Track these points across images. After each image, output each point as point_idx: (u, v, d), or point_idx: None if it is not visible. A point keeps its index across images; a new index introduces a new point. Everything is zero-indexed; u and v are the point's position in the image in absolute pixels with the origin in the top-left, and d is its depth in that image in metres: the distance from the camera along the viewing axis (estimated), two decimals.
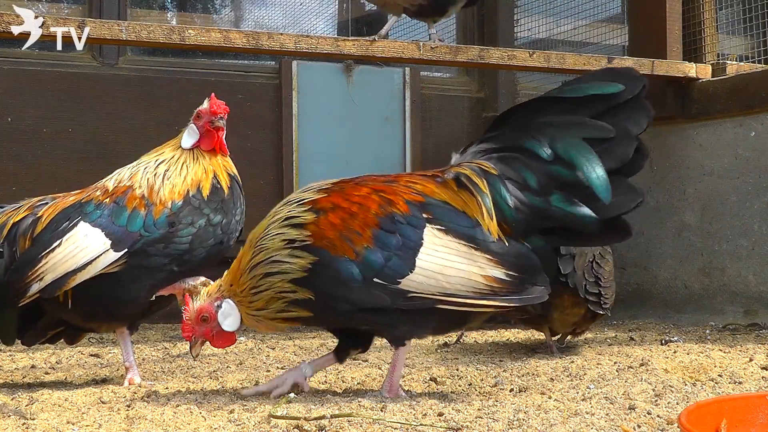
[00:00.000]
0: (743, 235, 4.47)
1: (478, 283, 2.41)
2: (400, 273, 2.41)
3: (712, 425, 1.96)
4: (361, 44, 3.98)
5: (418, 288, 2.41)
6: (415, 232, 2.43)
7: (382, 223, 2.44)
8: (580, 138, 2.43)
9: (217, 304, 2.58)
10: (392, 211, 2.46)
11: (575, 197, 2.44)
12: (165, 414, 2.36)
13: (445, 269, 2.41)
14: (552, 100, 2.54)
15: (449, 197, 2.51)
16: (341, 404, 2.44)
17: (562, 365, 3.13)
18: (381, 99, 5.94)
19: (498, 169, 2.50)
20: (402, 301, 2.42)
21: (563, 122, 2.47)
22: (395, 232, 2.43)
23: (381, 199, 2.49)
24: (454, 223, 2.46)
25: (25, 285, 2.83)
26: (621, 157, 2.44)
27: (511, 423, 2.22)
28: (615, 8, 6.04)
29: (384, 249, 2.42)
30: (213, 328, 2.60)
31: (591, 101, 2.47)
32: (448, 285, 2.41)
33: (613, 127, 2.43)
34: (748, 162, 4.45)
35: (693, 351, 3.40)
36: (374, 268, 2.41)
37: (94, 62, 5.37)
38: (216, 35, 3.75)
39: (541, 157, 2.45)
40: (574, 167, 2.43)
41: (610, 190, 2.41)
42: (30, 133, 5.18)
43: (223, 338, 2.63)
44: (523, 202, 2.47)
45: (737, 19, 5.18)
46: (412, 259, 2.41)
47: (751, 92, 4.44)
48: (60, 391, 2.87)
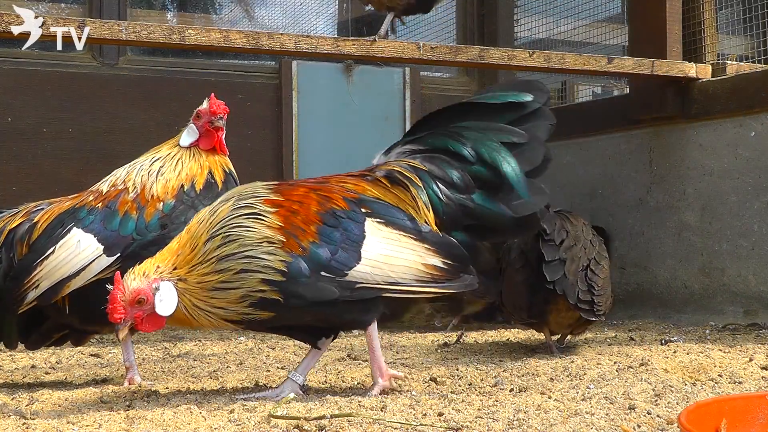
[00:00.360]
0: (743, 235, 4.47)
1: (419, 272, 2.54)
2: (347, 265, 2.47)
3: (712, 425, 1.96)
4: (361, 44, 3.98)
5: (365, 278, 2.49)
6: (357, 226, 2.51)
7: (324, 219, 2.51)
8: (498, 141, 2.62)
9: (154, 285, 2.47)
10: (332, 207, 2.53)
11: (494, 196, 2.62)
12: (165, 414, 2.36)
13: (389, 259, 2.51)
14: (471, 105, 2.73)
15: (382, 194, 2.61)
16: (341, 404, 2.44)
17: (562, 365, 3.13)
18: (381, 99, 5.94)
19: (426, 167, 2.63)
20: (349, 293, 2.48)
21: (483, 126, 2.65)
22: (338, 227, 2.50)
23: (319, 197, 2.55)
24: (392, 216, 2.57)
25: (22, 293, 2.83)
26: (532, 160, 2.64)
27: (511, 423, 2.22)
28: (615, 8, 6.05)
29: (329, 243, 2.48)
30: (145, 311, 2.47)
31: (506, 109, 2.67)
32: (393, 274, 2.51)
33: (525, 133, 2.64)
34: (748, 162, 4.45)
35: (693, 351, 3.40)
36: (321, 262, 2.46)
37: (94, 62, 5.38)
38: (216, 35, 3.75)
39: (465, 158, 2.62)
40: (494, 167, 2.61)
41: (527, 189, 2.62)
42: (30, 133, 5.19)
43: (152, 322, 2.49)
44: (450, 198, 2.62)
45: (737, 19, 5.18)
46: (358, 251, 2.49)
47: (751, 92, 4.44)
48: (60, 391, 2.87)
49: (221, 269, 2.44)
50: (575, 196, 5.28)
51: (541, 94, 2.71)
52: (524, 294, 3.41)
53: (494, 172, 2.60)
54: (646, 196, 4.98)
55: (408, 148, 2.69)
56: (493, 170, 2.60)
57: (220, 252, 2.45)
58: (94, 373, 3.33)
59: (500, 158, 2.60)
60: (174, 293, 2.46)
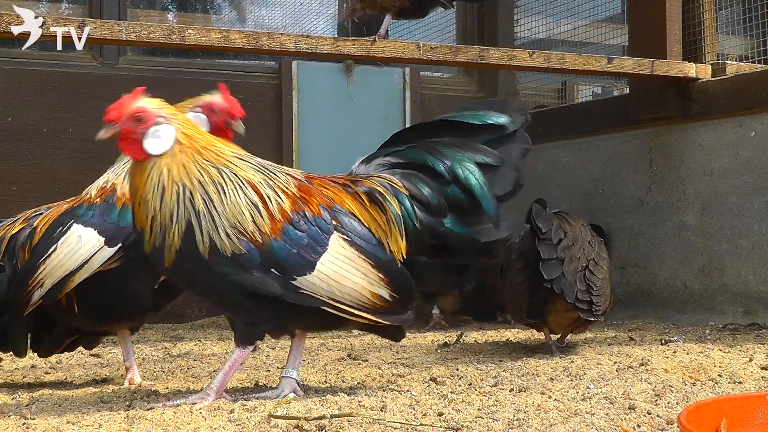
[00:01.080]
0: (743, 235, 4.47)
1: (364, 297, 2.51)
2: (299, 271, 2.45)
3: (712, 425, 1.96)
4: (361, 44, 3.98)
5: (310, 288, 2.46)
6: (322, 237, 2.48)
7: (293, 220, 2.47)
8: (474, 162, 2.57)
9: (160, 119, 2.46)
10: (304, 211, 2.49)
11: (464, 219, 2.58)
12: (165, 414, 2.36)
13: (341, 278, 2.48)
14: (450, 123, 2.67)
15: (358, 210, 2.57)
16: (341, 404, 2.45)
17: (562, 365, 3.13)
18: (381, 99, 5.94)
19: (405, 187, 2.59)
20: (291, 295, 2.45)
21: (460, 145, 2.61)
22: (303, 232, 2.47)
23: (296, 197, 2.52)
24: (359, 236, 2.53)
25: (27, 294, 2.83)
26: (504, 184, 2.61)
27: (511, 423, 2.22)
28: (615, 8, 6.05)
29: (289, 244, 2.45)
30: (136, 132, 2.44)
31: (485, 129, 2.63)
32: (339, 293, 2.48)
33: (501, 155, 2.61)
34: (748, 162, 4.45)
35: (693, 351, 3.40)
36: (274, 259, 2.43)
37: (94, 62, 5.38)
38: (216, 35, 3.75)
39: (441, 177, 2.57)
40: (469, 190, 2.56)
41: (497, 215, 2.58)
42: (30, 133, 5.19)
43: (134, 148, 2.44)
44: (422, 222, 2.58)
45: (737, 19, 5.18)
46: (314, 262, 2.46)
47: (751, 92, 4.44)
48: (60, 391, 2.87)
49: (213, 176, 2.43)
50: (575, 196, 5.28)
51: (519, 116, 2.69)
52: (524, 294, 3.42)
53: (468, 195, 2.56)
54: (646, 196, 4.98)
55: (388, 160, 2.66)
56: (467, 193, 2.56)
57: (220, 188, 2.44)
58: (94, 373, 3.34)
59: (475, 181, 2.56)
60: (169, 142, 2.44)
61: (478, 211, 2.58)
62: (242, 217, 2.43)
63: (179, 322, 5.12)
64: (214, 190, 2.43)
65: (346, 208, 2.56)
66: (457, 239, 2.60)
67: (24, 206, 3.15)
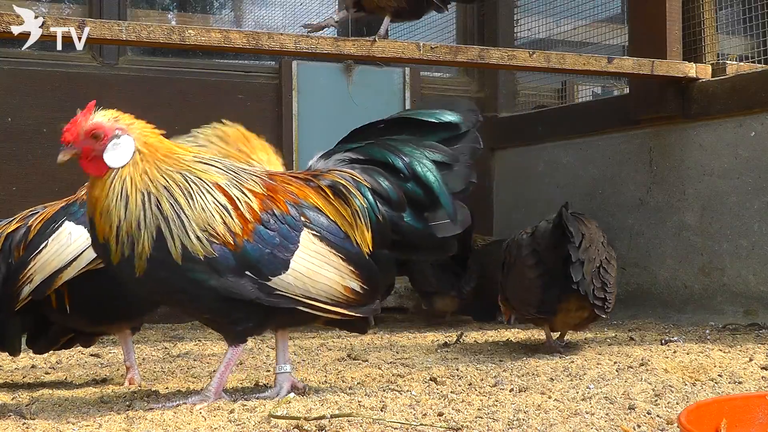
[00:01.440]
0: (743, 235, 4.47)
1: (337, 292, 2.51)
2: (273, 271, 2.43)
3: (712, 425, 1.96)
4: (361, 44, 3.98)
5: (286, 288, 2.45)
6: (293, 234, 2.47)
7: (264, 220, 2.46)
8: (431, 160, 2.60)
9: (117, 132, 2.42)
10: (273, 209, 2.48)
11: (421, 215, 2.60)
12: (165, 414, 2.36)
13: (314, 275, 2.47)
14: (407, 120, 2.70)
15: (323, 204, 2.56)
16: (341, 404, 2.45)
17: (562, 365, 3.13)
18: (381, 99, 5.94)
19: (367, 181, 2.60)
20: (266, 297, 2.44)
21: (417, 143, 2.63)
22: (275, 231, 2.46)
23: (264, 197, 2.50)
24: (327, 230, 2.53)
25: (18, 289, 2.83)
26: (457, 182, 2.63)
27: (511, 423, 2.22)
28: (615, 8, 6.04)
29: (262, 245, 2.43)
30: (95, 150, 2.41)
31: (440, 127, 2.65)
32: (313, 290, 2.48)
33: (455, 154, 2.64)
34: (748, 162, 4.45)
35: (693, 351, 3.40)
36: (248, 261, 2.41)
37: (94, 62, 5.38)
38: (216, 35, 3.75)
39: (400, 173, 2.59)
40: (427, 186, 2.58)
41: (454, 211, 2.60)
42: (30, 133, 5.19)
43: (95, 166, 2.42)
44: (384, 216, 2.59)
45: (737, 19, 5.18)
46: (287, 260, 2.45)
47: (751, 92, 4.44)
48: (60, 391, 2.87)
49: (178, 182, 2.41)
50: (575, 196, 5.27)
51: (472, 116, 2.71)
52: (537, 290, 3.46)
53: (426, 191, 2.58)
54: (646, 196, 4.98)
55: (347, 156, 2.66)
56: (425, 189, 2.58)
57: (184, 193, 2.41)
58: (94, 373, 3.33)
59: (433, 178, 2.58)
60: (129, 153, 2.40)
61: (435, 206, 2.60)
62: (213, 219, 2.41)
63: (179, 322, 5.12)
64: (181, 194, 2.41)
65: (311, 203, 2.55)
66: (416, 234, 2.61)
67: (24, 206, 3.16)
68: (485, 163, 6.11)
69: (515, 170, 5.96)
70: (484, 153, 6.10)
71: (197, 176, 2.46)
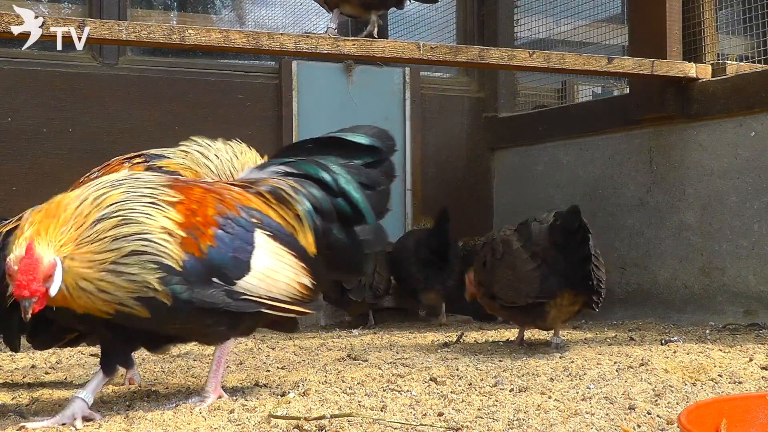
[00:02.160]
0: (743, 235, 4.47)
1: (294, 290, 2.55)
2: (237, 275, 2.43)
3: (712, 425, 1.97)
4: (361, 44, 3.98)
5: (251, 290, 2.45)
6: (248, 235, 2.48)
7: (221, 223, 2.44)
8: (358, 181, 2.70)
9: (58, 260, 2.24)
10: (227, 213, 2.47)
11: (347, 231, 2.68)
12: (165, 414, 2.36)
13: (274, 273, 2.50)
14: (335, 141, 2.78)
15: (264, 209, 2.58)
16: (341, 404, 2.45)
17: (562, 365, 3.13)
18: (381, 99, 5.94)
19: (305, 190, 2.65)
20: (234, 303, 2.42)
21: (345, 164, 2.72)
22: (233, 234, 2.45)
23: (215, 200, 2.49)
24: (277, 230, 2.55)
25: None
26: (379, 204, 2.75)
27: (511, 423, 2.22)
28: (615, 8, 6.04)
29: (225, 249, 2.42)
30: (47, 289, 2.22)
31: (366, 151, 2.75)
32: (275, 289, 2.50)
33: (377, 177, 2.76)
34: (748, 162, 4.45)
35: (693, 351, 3.40)
36: (215, 267, 2.39)
37: (94, 62, 5.37)
38: (216, 35, 3.75)
39: (331, 189, 2.66)
40: (355, 205, 2.67)
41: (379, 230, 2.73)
42: (30, 133, 5.19)
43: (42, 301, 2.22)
44: (318, 225, 2.64)
45: (737, 19, 5.18)
46: (248, 262, 2.45)
47: (751, 92, 4.44)
48: (60, 391, 2.87)
49: (116, 248, 2.27)
50: (575, 196, 5.27)
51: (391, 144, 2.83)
52: (534, 281, 3.48)
53: (353, 207, 2.66)
54: (646, 196, 4.98)
55: (282, 169, 2.70)
56: (352, 206, 2.66)
57: (115, 232, 2.28)
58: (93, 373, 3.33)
59: (359, 196, 2.67)
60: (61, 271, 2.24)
61: (360, 222, 2.68)
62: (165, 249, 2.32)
63: None
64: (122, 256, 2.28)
65: (254, 207, 2.56)
66: (344, 248, 2.69)
67: (24, 206, 3.15)
68: (485, 163, 6.12)
69: (515, 170, 5.96)
70: (484, 153, 6.13)
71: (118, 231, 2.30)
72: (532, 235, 3.55)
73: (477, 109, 6.19)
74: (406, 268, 5.12)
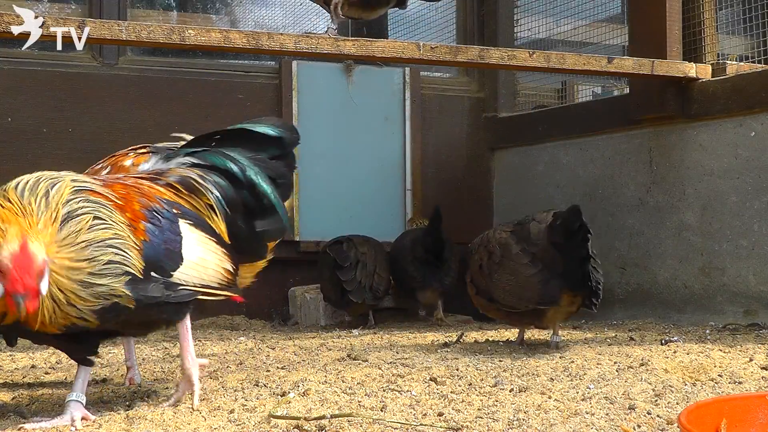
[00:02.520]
0: (743, 235, 4.47)
1: (222, 275, 2.57)
2: (173, 266, 2.43)
3: (712, 425, 1.97)
4: (361, 44, 3.98)
5: (186, 280, 2.45)
6: (174, 226, 2.47)
7: (149, 217, 2.43)
8: (265, 174, 2.70)
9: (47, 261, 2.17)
10: (151, 206, 2.46)
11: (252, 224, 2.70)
12: (165, 414, 2.36)
13: (204, 261, 2.51)
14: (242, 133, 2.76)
15: (175, 199, 2.57)
16: (341, 404, 2.45)
17: (562, 365, 3.13)
18: (381, 99, 5.94)
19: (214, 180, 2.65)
20: (173, 294, 2.42)
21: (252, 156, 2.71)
22: (161, 226, 2.44)
23: (137, 194, 2.48)
24: (196, 218, 2.56)
25: None
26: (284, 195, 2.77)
27: (511, 423, 2.22)
28: (615, 8, 6.04)
29: (157, 242, 2.40)
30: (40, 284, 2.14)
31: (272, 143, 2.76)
32: (206, 276, 2.51)
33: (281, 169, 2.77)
34: (748, 162, 4.45)
35: (693, 351, 3.40)
36: (153, 261, 2.37)
37: (94, 62, 5.38)
38: (216, 35, 3.75)
39: (238, 180, 2.66)
40: (261, 195, 2.67)
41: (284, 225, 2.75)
42: (30, 133, 5.19)
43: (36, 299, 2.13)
44: (227, 215, 2.64)
45: (737, 19, 5.18)
46: (180, 252, 2.45)
47: (751, 92, 4.44)
48: (60, 391, 2.88)
49: (91, 257, 2.22)
50: (575, 196, 5.27)
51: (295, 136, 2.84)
52: (536, 285, 3.48)
53: (259, 199, 2.67)
54: (646, 196, 4.98)
55: (188, 160, 2.70)
56: (257, 197, 2.67)
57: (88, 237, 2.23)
58: (94, 373, 3.33)
59: (268, 188, 2.68)
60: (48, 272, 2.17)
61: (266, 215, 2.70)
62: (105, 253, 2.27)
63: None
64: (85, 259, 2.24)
65: (167, 198, 2.54)
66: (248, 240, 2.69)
67: None
68: (485, 163, 6.12)
69: (515, 170, 5.96)
70: (484, 153, 6.14)
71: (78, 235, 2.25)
72: (530, 235, 3.54)
73: (477, 109, 6.19)
74: (404, 267, 5.14)
